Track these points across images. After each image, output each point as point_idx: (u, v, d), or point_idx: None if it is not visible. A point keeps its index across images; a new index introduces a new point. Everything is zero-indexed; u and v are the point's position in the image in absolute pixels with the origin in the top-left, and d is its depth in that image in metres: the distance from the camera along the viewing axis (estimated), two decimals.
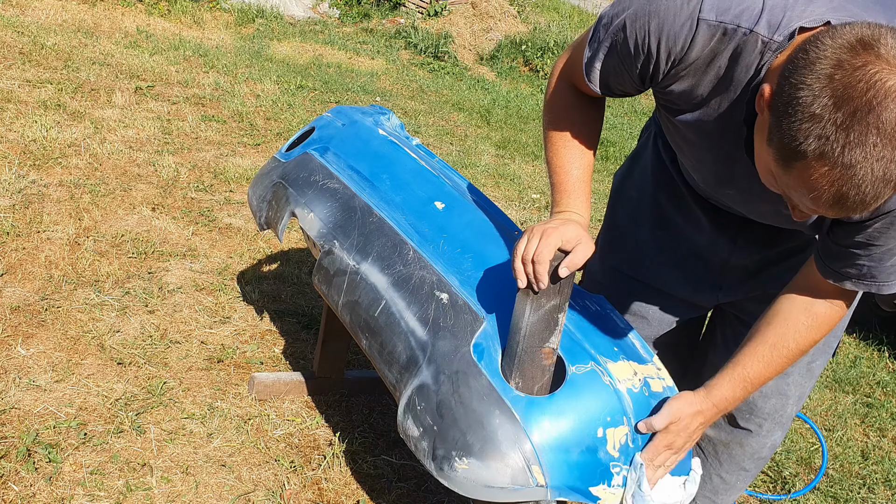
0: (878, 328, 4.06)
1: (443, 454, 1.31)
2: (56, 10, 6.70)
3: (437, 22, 9.66)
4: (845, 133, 0.88)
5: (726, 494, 1.81)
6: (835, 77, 0.89)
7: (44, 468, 1.83)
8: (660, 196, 1.60)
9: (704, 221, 1.55)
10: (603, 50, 1.24)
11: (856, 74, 0.88)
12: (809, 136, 0.91)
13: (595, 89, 1.30)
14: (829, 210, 0.96)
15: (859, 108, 0.87)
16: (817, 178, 0.92)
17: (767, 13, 1.07)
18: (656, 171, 1.60)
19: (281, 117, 5.16)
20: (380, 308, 1.59)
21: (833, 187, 0.92)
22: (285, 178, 2.01)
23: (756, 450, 1.71)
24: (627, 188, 1.68)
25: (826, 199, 0.94)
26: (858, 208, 0.94)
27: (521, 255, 1.24)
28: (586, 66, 1.28)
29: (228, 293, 2.80)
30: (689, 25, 1.11)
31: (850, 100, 0.88)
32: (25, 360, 2.20)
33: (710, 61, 1.14)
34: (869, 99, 0.87)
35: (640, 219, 1.64)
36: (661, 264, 1.63)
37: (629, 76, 1.24)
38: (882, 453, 2.82)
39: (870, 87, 0.87)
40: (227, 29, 7.95)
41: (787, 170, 0.96)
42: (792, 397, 1.64)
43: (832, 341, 1.61)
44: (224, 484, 1.92)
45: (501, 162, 5.54)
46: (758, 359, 1.31)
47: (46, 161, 3.54)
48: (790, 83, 0.93)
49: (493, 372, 1.35)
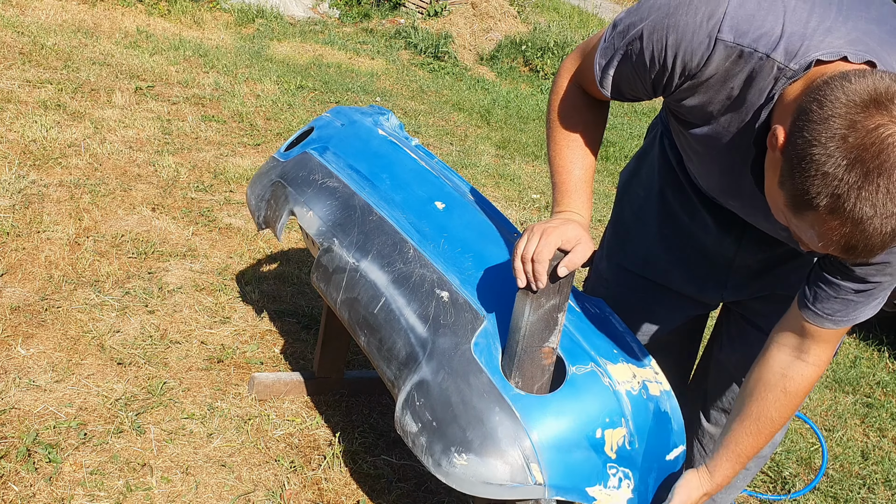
0: (878, 328, 4.05)
1: (441, 449, 1.31)
2: (56, 10, 6.70)
3: (437, 22, 9.67)
4: (857, 192, 0.92)
5: (726, 493, 1.82)
6: (848, 139, 0.92)
7: (44, 468, 1.83)
8: (666, 194, 1.61)
9: (710, 221, 1.56)
10: (617, 58, 1.24)
11: (869, 137, 0.91)
12: (821, 193, 0.94)
13: (607, 94, 1.31)
14: (838, 254, 1.00)
15: (871, 169, 0.91)
16: (827, 230, 0.96)
17: (786, 40, 1.08)
18: (662, 170, 1.62)
19: (281, 117, 5.16)
20: (379, 305, 1.59)
21: (843, 239, 0.96)
22: (284, 178, 2.01)
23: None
24: (634, 186, 1.68)
25: (835, 248, 0.98)
26: (866, 256, 0.99)
27: (521, 254, 1.25)
28: (600, 73, 1.29)
29: (228, 293, 2.80)
30: (707, 44, 1.12)
31: (863, 162, 0.91)
32: (25, 360, 2.20)
33: (724, 81, 1.15)
34: (882, 161, 0.91)
35: (646, 217, 1.65)
36: (668, 262, 1.63)
37: (642, 84, 1.25)
38: (882, 453, 2.82)
39: (882, 150, 0.91)
40: (227, 29, 7.95)
41: (799, 216, 1.00)
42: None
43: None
44: (224, 484, 1.92)
45: (501, 162, 5.54)
46: (746, 433, 1.38)
47: (46, 161, 3.54)
48: (804, 138, 0.96)
49: (493, 370, 1.35)
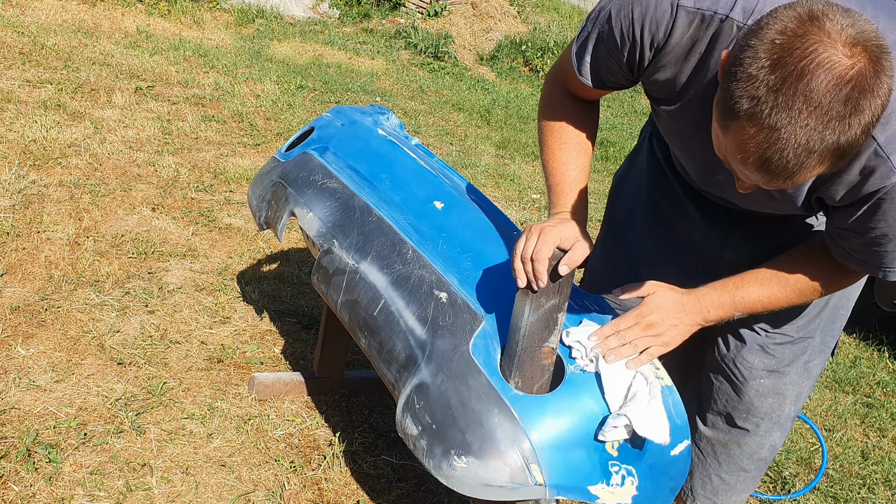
0: (878, 328, 4.05)
1: (441, 452, 1.31)
2: (56, 10, 6.70)
3: (437, 22, 9.67)
4: (774, 95, 0.91)
5: (726, 496, 1.81)
6: (776, 41, 0.92)
7: (44, 468, 1.83)
8: (655, 193, 1.62)
9: (697, 217, 1.56)
10: (591, 41, 1.28)
11: (795, 42, 0.91)
12: (743, 96, 0.94)
13: (587, 82, 1.32)
14: (756, 174, 0.99)
15: (791, 73, 0.90)
16: (746, 140, 0.96)
17: (742, 0, 1.11)
18: (651, 169, 1.63)
19: (281, 117, 5.16)
20: (379, 307, 1.59)
21: (759, 150, 0.95)
22: (285, 178, 2.02)
23: (755, 450, 1.70)
24: (626, 187, 1.70)
25: (753, 162, 0.97)
26: (782, 175, 0.97)
27: (521, 253, 1.25)
28: (577, 60, 1.31)
29: (228, 293, 2.80)
30: (670, 12, 1.16)
31: (785, 65, 0.91)
32: (25, 360, 2.20)
33: (691, 49, 1.17)
34: (802, 66, 0.90)
35: (636, 216, 1.66)
36: (658, 260, 1.64)
37: (618, 66, 1.27)
38: (882, 453, 2.82)
39: (805, 56, 0.90)
40: (227, 29, 7.95)
41: (725, 132, 1.00)
42: (789, 397, 1.64)
43: (829, 341, 1.61)
44: (224, 484, 1.92)
45: (501, 162, 5.54)
46: (755, 279, 1.35)
47: (46, 161, 3.54)
48: (739, 47, 0.97)
49: (491, 371, 1.35)
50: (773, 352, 1.56)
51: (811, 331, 1.56)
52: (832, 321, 1.58)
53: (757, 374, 1.59)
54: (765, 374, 1.58)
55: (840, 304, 1.57)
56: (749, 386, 1.59)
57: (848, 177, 1.14)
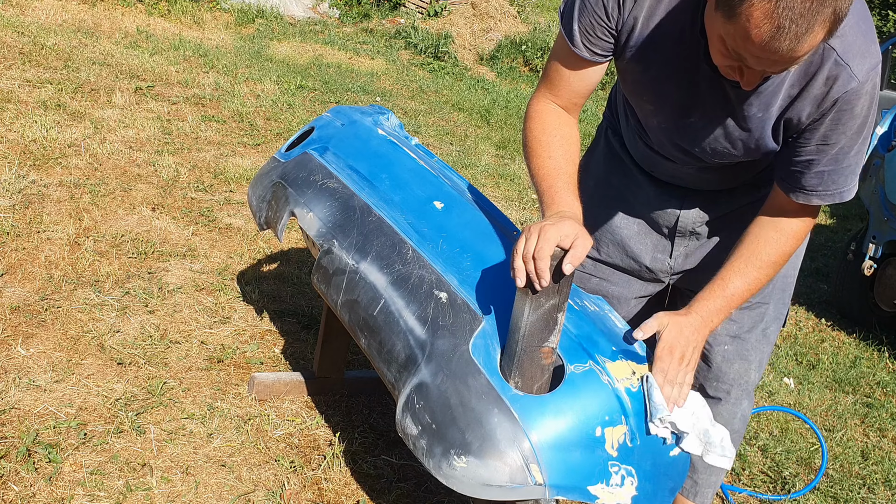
0: (878, 328, 4.06)
1: (441, 452, 1.31)
2: (56, 10, 6.70)
3: (437, 22, 9.67)
4: None
5: (705, 472, 1.85)
6: None
7: (44, 468, 1.83)
8: (612, 178, 1.76)
9: (652, 192, 1.69)
10: (576, 12, 1.38)
11: None
12: None
13: (583, 54, 1.42)
14: (767, 50, 1.08)
15: None
16: (757, 16, 1.05)
17: None
18: (607, 158, 1.78)
19: (281, 117, 5.16)
20: (379, 307, 1.59)
21: (770, 19, 1.05)
22: (285, 178, 2.02)
23: (727, 420, 1.79)
24: (584, 179, 1.78)
25: (767, 32, 1.06)
26: (793, 42, 1.06)
27: (522, 253, 1.25)
28: (568, 35, 1.41)
29: (228, 293, 2.80)
30: None
31: None
32: (25, 360, 2.21)
33: None
34: None
35: (596, 202, 1.76)
36: (618, 240, 1.76)
37: (602, 29, 1.38)
38: (882, 453, 2.82)
39: None
40: (227, 29, 7.95)
41: (733, 19, 1.09)
42: (753, 362, 1.76)
43: (782, 309, 1.75)
44: (224, 484, 1.92)
45: (501, 162, 5.54)
46: (735, 272, 1.43)
47: (46, 161, 3.54)
48: None
49: (491, 371, 1.35)
50: (734, 317, 1.70)
51: (766, 296, 1.70)
52: (783, 290, 1.73)
53: (721, 340, 1.72)
54: (728, 339, 1.73)
55: (788, 272, 1.72)
56: (715, 352, 1.74)
57: (814, 89, 1.28)
